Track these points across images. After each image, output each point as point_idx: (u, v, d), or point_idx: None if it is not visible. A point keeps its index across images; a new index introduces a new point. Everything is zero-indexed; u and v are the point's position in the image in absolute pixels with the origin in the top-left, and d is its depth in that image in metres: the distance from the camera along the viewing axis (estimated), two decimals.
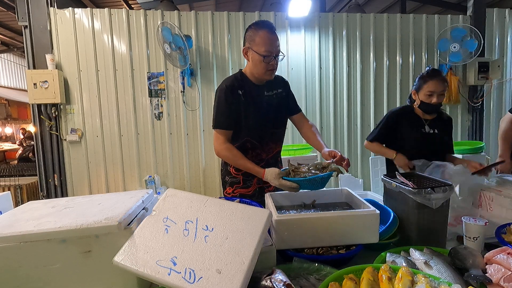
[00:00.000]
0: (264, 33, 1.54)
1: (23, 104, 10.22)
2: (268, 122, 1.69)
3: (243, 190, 1.72)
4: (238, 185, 1.72)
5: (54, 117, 3.37)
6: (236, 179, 1.72)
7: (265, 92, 1.69)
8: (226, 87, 1.61)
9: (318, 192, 1.41)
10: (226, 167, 1.75)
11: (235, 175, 1.72)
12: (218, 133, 1.61)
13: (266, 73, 1.59)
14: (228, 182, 1.74)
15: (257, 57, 1.55)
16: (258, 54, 1.54)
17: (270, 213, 0.95)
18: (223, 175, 1.78)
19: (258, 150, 1.70)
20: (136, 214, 1.02)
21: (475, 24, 3.88)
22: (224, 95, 1.60)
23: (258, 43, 1.54)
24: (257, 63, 1.57)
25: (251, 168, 1.52)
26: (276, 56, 1.58)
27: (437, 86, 1.81)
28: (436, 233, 1.20)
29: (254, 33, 1.55)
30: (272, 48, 1.55)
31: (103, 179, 3.58)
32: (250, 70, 1.64)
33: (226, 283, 0.76)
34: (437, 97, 1.83)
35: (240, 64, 3.68)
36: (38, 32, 3.30)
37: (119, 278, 0.92)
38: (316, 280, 0.91)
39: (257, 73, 1.61)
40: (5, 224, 0.94)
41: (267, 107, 1.68)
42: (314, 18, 3.78)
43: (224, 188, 1.78)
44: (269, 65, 1.57)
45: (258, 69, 1.59)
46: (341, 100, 3.93)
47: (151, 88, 3.56)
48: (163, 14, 3.51)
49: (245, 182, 1.71)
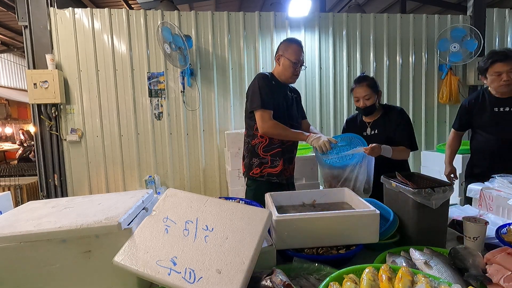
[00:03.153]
0: (296, 46, 1.92)
1: (23, 104, 10.22)
2: (288, 114, 1.99)
3: (270, 169, 1.93)
4: (266, 165, 1.94)
5: (54, 117, 3.37)
6: (265, 159, 1.94)
7: (287, 92, 2.04)
8: (265, 76, 1.90)
9: (318, 192, 1.42)
10: (254, 150, 1.95)
11: (263, 156, 1.94)
12: (264, 112, 1.83)
13: (292, 77, 1.94)
14: (256, 163, 1.94)
15: (288, 62, 1.90)
16: (289, 60, 1.89)
17: (270, 213, 0.95)
18: (249, 157, 1.98)
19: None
20: (136, 214, 1.02)
21: (475, 24, 3.88)
22: (265, 81, 1.88)
23: (291, 53, 1.90)
24: (287, 67, 1.91)
25: (299, 134, 1.86)
26: (301, 65, 1.95)
27: (359, 91, 1.95)
28: (436, 233, 1.20)
29: (288, 45, 1.92)
30: (299, 58, 1.92)
31: (103, 179, 3.58)
32: (278, 73, 1.96)
33: (226, 283, 0.76)
34: (363, 102, 1.95)
35: (240, 64, 3.68)
36: (38, 32, 3.30)
37: (119, 278, 0.91)
38: (316, 280, 0.91)
39: (285, 76, 1.94)
40: (5, 224, 0.94)
41: (289, 102, 2.02)
42: (314, 18, 3.78)
43: (250, 170, 1.96)
44: (295, 71, 1.93)
45: (287, 72, 1.92)
46: (341, 100, 3.93)
47: (151, 88, 3.56)
48: (163, 14, 3.51)
49: (272, 162, 1.93)
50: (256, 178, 1.94)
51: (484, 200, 1.56)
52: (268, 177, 1.93)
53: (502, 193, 1.47)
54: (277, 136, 1.89)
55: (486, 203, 1.54)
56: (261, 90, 1.84)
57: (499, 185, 1.54)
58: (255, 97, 1.85)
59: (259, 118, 1.85)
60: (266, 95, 1.84)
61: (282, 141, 1.93)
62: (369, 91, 1.93)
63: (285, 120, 1.92)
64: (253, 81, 1.91)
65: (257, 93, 1.85)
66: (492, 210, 1.51)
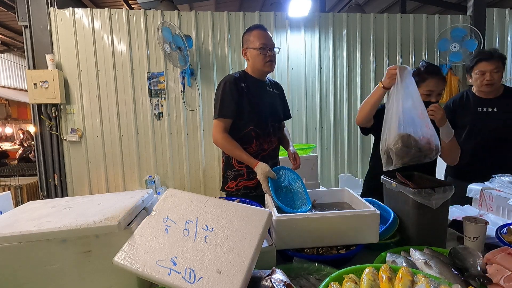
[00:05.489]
0: (256, 32, 1.72)
1: (23, 104, 10.22)
2: (269, 114, 1.81)
3: (247, 182, 1.74)
4: (242, 177, 1.75)
5: (54, 117, 3.37)
6: (240, 172, 1.75)
7: (267, 88, 1.83)
8: (229, 80, 1.71)
9: (318, 192, 1.42)
10: (228, 161, 1.78)
11: (238, 168, 1.75)
12: (219, 121, 1.68)
13: (266, 64, 1.72)
14: (231, 176, 1.77)
15: (254, 52, 1.71)
16: (254, 49, 1.70)
17: (270, 213, 0.95)
18: (224, 170, 1.81)
19: (261, 140, 1.78)
20: (136, 214, 1.02)
21: (475, 24, 3.88)
22: (227, 87, 1.69)
23: (253, 41, 1.71)
24: (256, 57, 1.71)
25: (245, 158, 1.61)
26: (271, 48, 1.72)
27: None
28: (436, 233, 1.20)
29: (248, 35, 1.74)
30: (266, 41, 1.70)
31: (103, 179, 3.58)
32: (251, 67, 1.78)
33: (226, 283, 0.76)
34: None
35: (240, 64, 3.68)
36: (38, 32, 3.30)
37: (119, 278, 0.91)
38: (316, 280, 0.91)
39: (258, 68, 1.74)
40: (5, 224, 0.94)
41: (269, 100, 1.82)
42: (314, 18, 3.78)
43: (226, 184, 1.79)
44: (267, 57, 1.71)
45: (257, 62, 1.72)
46: (341, 100, 3.93)
47: (151, 88, 3.56)
48: (163, 14, 3.51)
49: (248, 174, 1.73)
50: (232, 192, 1.75)
51: (484, 200, 1.55)
52: (245, 191, 1.73)
53: (502, 193, 1.47)
54: (225, 151, 1.75)
55: (486, 203, 1.54)
56: (221, 97, 1.69)
57: (499, 185, 1.54)
58: (216, 104, 1.71)
59: (214, 127, 1.70)
60: (224, 104, 1.67)
61: (262, 147, 1.77)
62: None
63: (266, 120, 1.78)
64: (217, 87, 1.75)
65: (217, 100, 1.70)
66: (492, 210, 1.51)
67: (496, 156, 1.95)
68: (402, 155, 1.31)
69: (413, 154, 1.31)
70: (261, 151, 1.77)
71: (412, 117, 1.34)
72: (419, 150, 1.31)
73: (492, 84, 1.89)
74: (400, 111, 1.33)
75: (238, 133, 1.73)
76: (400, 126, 1.32)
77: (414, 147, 1.31)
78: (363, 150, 3.97)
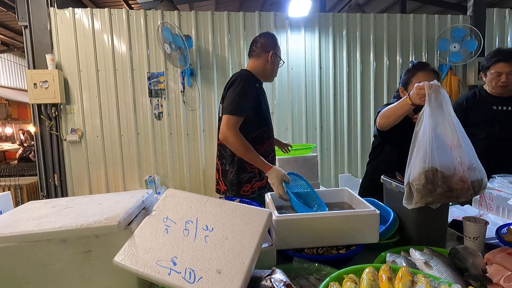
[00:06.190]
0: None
1: (23, 104, 10.22)
2: (270, 119, 1.87)
3: (260, 183, 1.74)
4: (255, 178, 1.73)
5: (54, 117, 3.37)
6: (253, 173, 1.73)
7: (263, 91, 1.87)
8: (249, 78, 1.71)
9: (318, 192, 1.42)
10: (241, 165, 1.70)
11: (251, 170, 1.72)
12: (233, 118, 1.59)
13: (274, 75, 1.85)
14: (246, 179, 1.72)
15: (277, 60, 1.80)
16: (280, 58, 1.81)
17: (270, 213, 0.95)
18: (235, 175, 1.72)
19: (271, 140, 1.83)
20: (136, 214, 1.02)
21: (475, 24, 3.88)
22: (247, 84, 1.67)
23: (278, 50, 1.80)
24: (275, 65, 1.80)
25: (259, 161, 1.54)
26: None
27: (428, 76, 1.60)
28: (436, 233, 1.20)
29: (276, 41, 1.81)
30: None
31: (103, 179, 3.58)
32: (261, 70, 1.79)
33: (226, 283, 0.76)
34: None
35: (240, 64, 3.68)
36: (38, 32, 3.30)
37: (119, 278, 0.91)
38: (316, 280, 0.91)
39: (270, 75, 1.82)
40: (5, 224, 0.94)
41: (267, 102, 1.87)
42: (314, 18, 3.78)
43: (241, 187, 1.72)
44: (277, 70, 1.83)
45: (274, 71, 1.81)
46: (341, 100, 3.93)
47: (151, 88, 3.56)
48: (163, 14, 3.51)
49: (260, 175, 1.73)
50: (248, 195, 1.70)
51: (484, 200, 1.55)
52: (259, 192, 1.73)
53: (502, 193, 1.47)
54: (235, 150, 1.62)
55: (486, 203, 1.54)
56: (239, 94, 1.61)
57: (499, 185, 1.54)
58: (232, 100, 1.62)
59: (224, 123, 1.59)
60: (246, 101, 1.61)
61: (271, 147, 1.80)
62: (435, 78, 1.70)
63: (271, 121, 1.84)
64: (236, 82, 1.65)
65: (234, 96, 1.61)
66: (492, 210, 1.51)
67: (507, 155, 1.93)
68: (424, 194, 1.07)
69: (439, 193, 1.07)
70: (271, 151, 1.80)
71: (442, 147, 1.09)
72: (449, 189, 1.07)
73: (506, 86, 1.88)
74: (427, 138, 1.10)
75: (251, 133, 1.69)
76: (426, 158, 1.08)
77: (442, 186, 1.06)
78: (363, 150, 3.96)
